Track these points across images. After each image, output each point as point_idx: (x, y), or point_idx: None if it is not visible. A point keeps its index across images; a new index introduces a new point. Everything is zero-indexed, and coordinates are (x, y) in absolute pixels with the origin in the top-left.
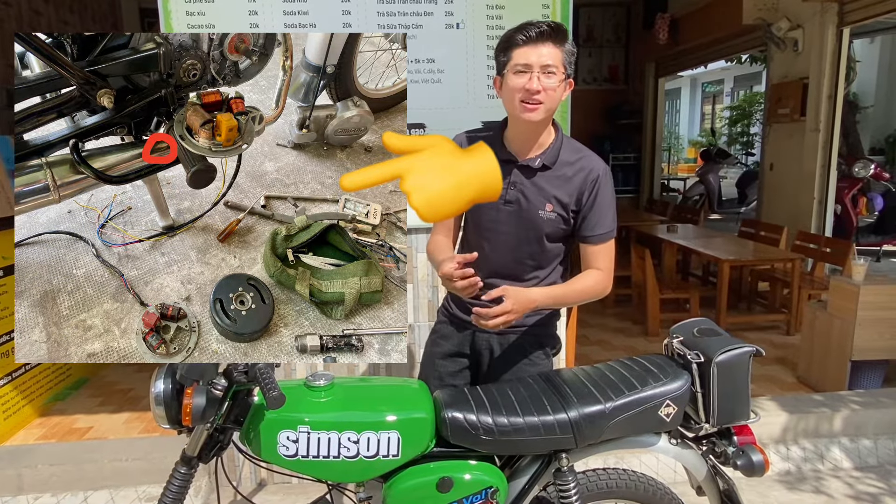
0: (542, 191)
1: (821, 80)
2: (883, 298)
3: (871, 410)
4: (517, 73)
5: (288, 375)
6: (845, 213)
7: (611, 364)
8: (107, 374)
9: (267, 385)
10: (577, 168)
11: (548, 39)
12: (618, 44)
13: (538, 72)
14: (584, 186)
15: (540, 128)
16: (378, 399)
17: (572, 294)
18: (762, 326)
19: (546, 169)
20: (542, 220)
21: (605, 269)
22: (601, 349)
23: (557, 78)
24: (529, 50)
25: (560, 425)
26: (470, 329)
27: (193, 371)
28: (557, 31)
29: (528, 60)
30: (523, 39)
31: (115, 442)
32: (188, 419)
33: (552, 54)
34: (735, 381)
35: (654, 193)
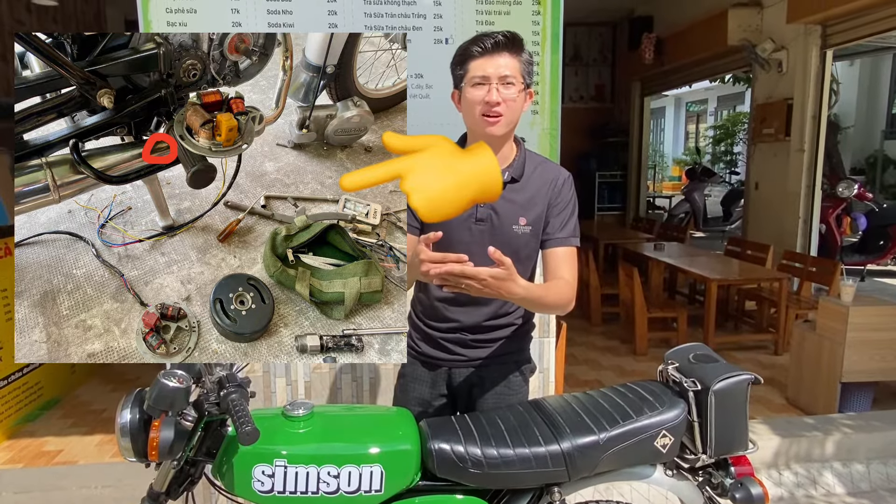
0: (513, 204)
1: (805, 100)
2: (872, 320)
3: (862, 434)
4: (475, 86)
5: (267, 401)
6: (829, 232)
7: (603, 391)
8: (80, 394)
9: (239, 418)
10: (544, 179)
11: (504, 50)
12: (604, 63)
13: (496, 83)
14: (552, 194)
15: (502, 141)
16: (360, 429)
17: (547, 298)
18: (749, 346)
19: (514, 182)
20: (516, 236)
21: (572, 280)
22: (589, 368)
23: (516, 88)
24: (486, 61)
25: (552, 457)
26: (444, 366)
27: (161, 401)
28: (513, 40)
29: (486, 72)
30: (479, 51)
31: (85, 467)
32: (154, 454)
33: (509, 64)
34: (733, 409)
35: (640, 211)
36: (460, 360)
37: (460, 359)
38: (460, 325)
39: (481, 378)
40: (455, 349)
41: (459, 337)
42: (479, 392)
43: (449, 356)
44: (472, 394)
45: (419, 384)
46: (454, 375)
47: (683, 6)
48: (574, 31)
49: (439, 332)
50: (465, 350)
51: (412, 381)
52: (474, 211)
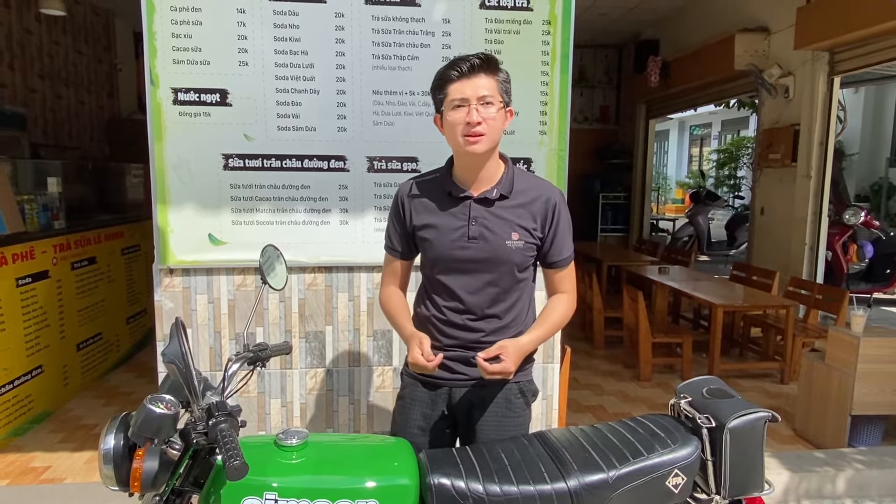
0: (505, 221)
1: (812, 127)
2: (884, 351)
3: (874, 470)
4: (455, 108)
5: (261, 423)
6: (836, 259)
7: (612, 425)
8: (72, 408)
9: (228, 451)
10: (534, 195)
11: (480, 71)
12: (609, 85)
13: (476, 104)
14: (546, 212)
15: (485, 159)
16: (356, 461)
17: (553, 328)
18: (755, 374)
19: (504, 198)
20: (510, 251)
21: (572, 291)
22: (591, 393)
23: (495, 107)
24: (464, 84)
25: (558, 496)
26: (445, 385)
27: (147, 428)
28: (489, 61)
29: (465, 94)
30: (456, 74)
31: (70, 486)
32: (136, 485)
33: (487, 84)
34: (749, 448)
35: (644, 233)
36: (461, 379)
37: (461, 378)
38: (460, 342)
39: (482, 398)
40: (456, 367)
41: (461, 354)
42: (479, 413)
43: (450, 375)
44: (472, 415)
45: (419, 405)
46: (454, 395)
47: (690, 30)
48: (580, 53)
49: (440, 349)
50: (466, 368)
51: (411, 402)
52: (466, 230)
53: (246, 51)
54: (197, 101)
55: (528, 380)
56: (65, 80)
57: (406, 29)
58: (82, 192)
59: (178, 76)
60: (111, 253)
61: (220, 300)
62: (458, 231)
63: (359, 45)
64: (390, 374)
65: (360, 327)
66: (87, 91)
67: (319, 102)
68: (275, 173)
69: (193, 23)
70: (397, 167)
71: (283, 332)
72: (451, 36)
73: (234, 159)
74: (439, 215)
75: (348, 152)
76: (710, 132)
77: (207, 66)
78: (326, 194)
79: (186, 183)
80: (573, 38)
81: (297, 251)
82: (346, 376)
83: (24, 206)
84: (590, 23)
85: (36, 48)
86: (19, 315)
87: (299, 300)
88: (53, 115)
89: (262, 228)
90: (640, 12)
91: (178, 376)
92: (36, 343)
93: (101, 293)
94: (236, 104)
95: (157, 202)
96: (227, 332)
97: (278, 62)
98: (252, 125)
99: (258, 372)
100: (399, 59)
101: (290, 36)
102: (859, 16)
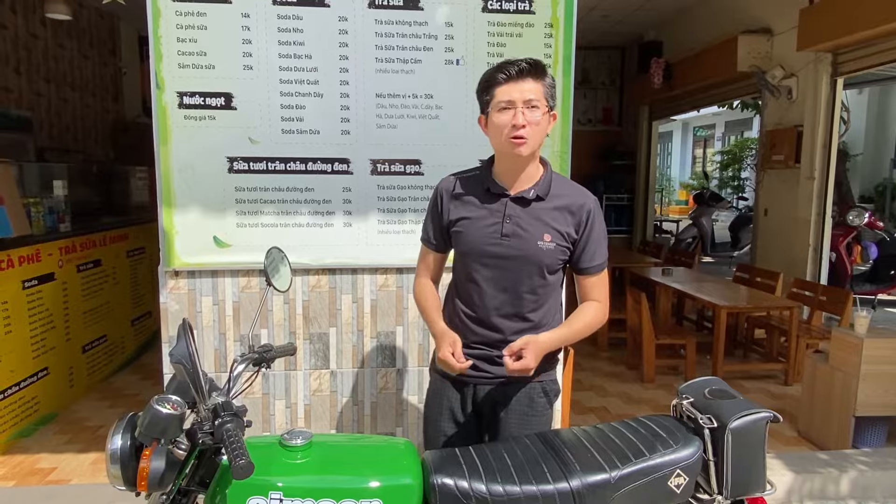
0: (539, 221)
1: (815, 128)
2: (888, 353)
3: (878, 472)
4: (501, 111)
5: (266, 424)
6: (840, 260)
7: (614, 425)
8: (77, 409)
9: (234, 451)
10: (570, 200)
11: (528, 76)
12: (612, 86)
13: (522, 107)
14: (580, 218)
15: (527, 161)
16: (360, 461)
17: (577, 333)
18: (759, 375)
19: (540, 200)
20: (541, 252)
21: (603, 300)
22: (595, 395)
23: (541, 111)
24: (511, 87)
25: (561, 496)
26: (470, 383)
27: (153, 428)
28: (536, 66)
29: (511, 97)
30: (504, 77)
31: (76, 487)
32: (144, 484)
33: (533, 89)
34: (750, 449)
35: (648, 234)
36: (486, 377)
37: (486, 375)
38: (486, 340)
39: (505, 396)
40: (481, 365)
41: (486, 353)
42: (502, 410)
43: (475, 373)
44: (496, 411)
45: (447, 400)
46: (479, 392)
47: (693, 32)
48: (583, 55)
49: (466, 348)
50: (490, 367)
51: (441, 396)
52: (500, 227)
53: (250, 55)
54: (202, 105)
55: (552, 379)
56: (70, 83)
57: (409, 33)
58: (88, 194)
59: (183, 80)
60: (116, 255)
61: (224, 302)
62: (491, 227)
63: (362, 49)
64: (393, 376)
65: (363, 329)
66: (92, 95)
67: (323, 106)
68: (279, 176)
69: (198, 27)
70: (400, 170)
71: (287, 333)
72: (453, 39)
73: (239, 162)
74: (475, 209)
75: (352, 155)
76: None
77: (212, 70)
78: (330, 197)
79: (191, 186)
80: (575, 41)
81: (301, 253)
82: (350, 377)
83: (30, 208)
84: (592, 25)
85: (42, 52)
86: (25, 317)
87: (303, 302)
88: (59, 119)
89: (266, 231)
90: (642, 14)
91: (186, 376)
92: (42, 345)
93: (107, 295)
94: (241, 108)
95: (162, 205)
96: (231, 334)
97: (282, 66)
98: (256, 128)
99: (263, 373)
100: (402, 62)
101: (294, 40)
102: (862, 17)
